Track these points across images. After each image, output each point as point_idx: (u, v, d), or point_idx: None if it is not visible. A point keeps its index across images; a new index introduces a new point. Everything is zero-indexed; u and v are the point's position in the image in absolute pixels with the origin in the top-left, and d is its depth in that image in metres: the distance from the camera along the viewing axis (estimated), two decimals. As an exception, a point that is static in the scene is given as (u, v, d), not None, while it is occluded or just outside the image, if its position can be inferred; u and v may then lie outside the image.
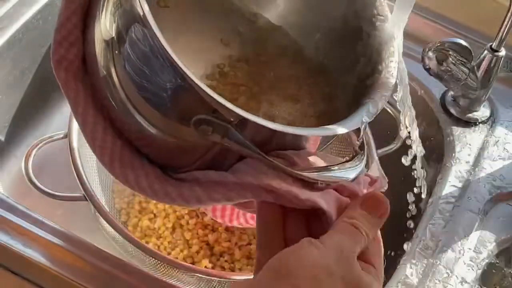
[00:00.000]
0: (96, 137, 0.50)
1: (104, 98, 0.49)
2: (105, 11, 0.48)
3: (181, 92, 0.45)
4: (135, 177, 0.49)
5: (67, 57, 0.51)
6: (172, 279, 0.74)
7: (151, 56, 0.44)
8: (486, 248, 0.80)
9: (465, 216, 0.81)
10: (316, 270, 0.42)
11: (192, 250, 0.86)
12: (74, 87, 0.51)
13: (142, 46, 0.44)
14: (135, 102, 0.47)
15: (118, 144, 0.50)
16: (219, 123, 0.44)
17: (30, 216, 0.74)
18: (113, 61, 0.47)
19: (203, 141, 0.46)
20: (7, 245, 0.71)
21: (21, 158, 0.78)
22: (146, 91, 0.46)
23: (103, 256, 0.72)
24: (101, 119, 0.50)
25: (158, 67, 0.44)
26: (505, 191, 0.84)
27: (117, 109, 0.48)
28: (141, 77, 0.45)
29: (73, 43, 0.51)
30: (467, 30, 0.98)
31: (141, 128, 0.48)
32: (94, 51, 0.49)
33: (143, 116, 0.47)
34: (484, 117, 0.92)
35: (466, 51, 0.85)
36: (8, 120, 0.92)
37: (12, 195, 0.79)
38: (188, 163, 0.49)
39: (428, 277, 0.75)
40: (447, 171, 0.86)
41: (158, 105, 0.46)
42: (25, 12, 0.90)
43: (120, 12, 0.46)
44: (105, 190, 0.87)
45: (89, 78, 0.51)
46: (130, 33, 0.45)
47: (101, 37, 0.48)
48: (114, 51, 0.47)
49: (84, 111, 0.50)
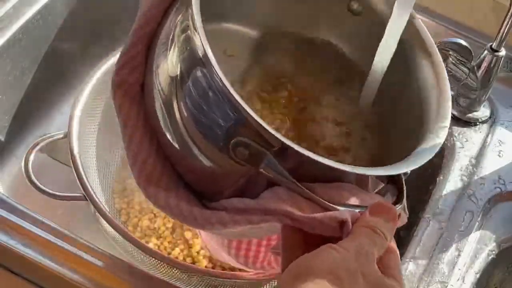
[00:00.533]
0: (138, 158, 0.52)
1: (157, 126, 0.52)
2: (173, 48, 0.50)
3: (226, 116, 0.46)
4: (165, 198, 0.51)
5: (128, 81, 0.53)
6: (172, 279, 0.74)
7: (210, 91, 0.46)
8: (486, 248, 0.80)
9: (465, 216, 0.81)
10: (337, 269, 0.43)
11: (192, 250, 0.86)
12: (127, 107, 0.53)
13: (203, 84, 0.47)
14: (190, 132, 0.49)
15: (158, 168, 0.52)
16: (257, 148, 0.46)
17: (30, 216, 0.74)
18: (176, 95, 0.49)
19: (237, 166, 0.47)
20: (7, 245, 0.71)
21: (21, 158, 0.78)
22: (202, 123, 0.48)
23: (103, 256, 0.72)
24: (147, 142, 0.52)
25: (215, 100, 0.46)
26: (505, 191, 0.84)
27: (169, 136, 0.51)
28: (199, 111, 0.47)
29: (136, 68, 0.54)
30: (467, 30, 0.98)
31: (186, 153, 0.50)
32: (155, 80, 0.51)
33: (195, 144, 0.49)
34: (484, 117, 0.92)
35: (466, 51, 0.85)
36: (8, 120, 0.92)
37: (12, 195, 0.79)
38: (220, 190, 0.50)
39: (428, 277, 0.75)
40: (447, 171, 0.86)
41: (209, 134, 0.48)
42: (25, 12, 0.90)
43: (186, 54, 0.48)
44: (105, 190, 0.87)
45: (144, 103, 0.53)
46: (193, 73, 0.47)
47: (167, 72, 0.50)
48: (178, 86, 0.49)
49: (133, 129, 0.52)
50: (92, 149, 0.84)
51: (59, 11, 0.94)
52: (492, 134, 0.90)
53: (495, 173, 0.86)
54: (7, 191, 0.89)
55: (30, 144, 0.79)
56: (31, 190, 0.76)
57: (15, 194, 0.84)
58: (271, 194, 0.48)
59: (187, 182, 0.53)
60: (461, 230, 0.80)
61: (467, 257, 0.78)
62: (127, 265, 0.72)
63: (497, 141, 0.90)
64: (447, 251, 0.78)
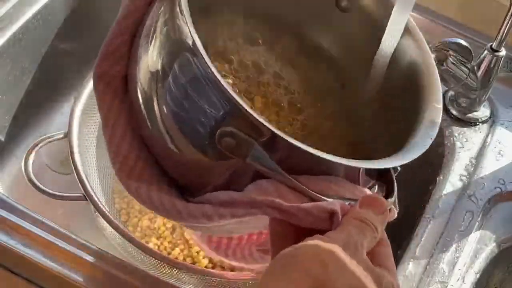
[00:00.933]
0: (120, 153, 0.51)
1: (141, 119, 0.50)
2: (156, 39, 0.49)
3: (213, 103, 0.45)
4: (147, 191, 0.49)
5: (109, 73, 0.52)
6: (172, 279, 0.74)
7: (197, 80, 0.45)
8: (486, 248, 0.80)
9: (465, 216, 0.81)
10: (323, 256, 0.42)
11: (192, 250, 0.86)
12: (109, 101, 0.52)
13: (189, 73, 0.46)
14: (176, 124, 0.48)
15: (140, 163, 0.51)
16: (245, 138, 0.45)
17: (30, 216, 0.74)
18: (159, 87, 0.48)
19: (223, 158, 0.46)
20: (7, 245, 0.71)
21: (21, 158, 0.78)
22: (188, 113, 0.47)
23: (103, 256, 0.72)
24: (130, 137, 0.51)
25: (202, 89, 0.45)
26: (505, 191, 0.84)
27: (153, 130, 0.50)
28: (185, 100, 0.46)
29: (119, 60, 0.52)
30: (467, 30, 0.98)
31: (171, 147, 0.49)
32: (138, 73, 0.50)
33: (180, 136, 0.48)
34: (484, 117, 0.92)
35: (466, 51, 0.85)
36: (8, 120, 0.92)
37: (12, 195, 0.79)
38: (206, 184, 0.49)
39: (428, 277, 0.75)
40: (447, 171, 0.86)
41: (195, 125, 0.47)
42: (25, 12, 0.90)
43: (171, 42, 0.47)
44: (105, 190, 0.87)
45: (127, 96, 0.52)
46: (178, 61, 0.46)
47: (149, 64, 0.49)
48: (161, 78, 0.48)
49: (114, 125, 0.51)
50: (92, 149, 0.84)
51: (59, 11, 0.94)
52: (492, 134, 0.90)
53: (495, 173, 0.86)
54: (7, 191, 0.89)
55: (30, 144, 0.79)
56: (31, 190, 0.76)
57: (15, 194, 0.84)
58: (256, 186, 0.47)
59: (172, 177, 0.51)
60: (461, 230, 0.80)
61: (467, 257, 0.78)
62: (127, 265, 0.72)
63: (497, 141, 0.90)
64: (447, 251, 0.78)
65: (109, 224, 0.74)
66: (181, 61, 0.46)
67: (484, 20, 0.97)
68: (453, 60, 0.85)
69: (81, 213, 0.85)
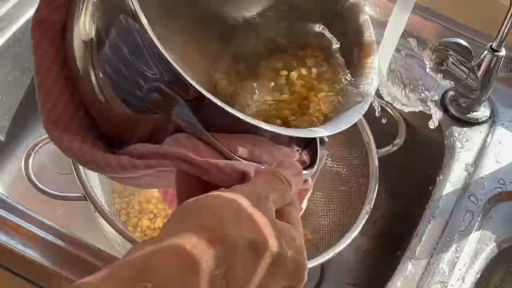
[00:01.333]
0: (49, 100, 0.51)
1: (75, 70, 0.51)
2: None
3: (144, 56, 0.46)
4: (69, 141, 0.50)
5: (50, 18, 0.52)
6: (172, 279, 0.74)
7: (131, 37, 0.46)
8: (486, 248, 0.80)
9: (465, 216, 0.81)
10: (220, 207, 0.41)
11: (192, 250, 0.85)
12: (45, 47, 0.52)
13: (124, 30, 0.46)
14: (108, 77, 0.48)
15: (69, 112, 0.51)
16: (172, 95, 0.45)
17: (30, 216, 0.74)
18: (94, 41, 0.49)
19: (149, 112, 0.47)
20: (7, 245, 0.71)
21: (21, 158, 0.78)
22: (120, 68, 0.47)
23: (103, 256, 0.72)
24: (61, 86, 0.51)
25: (136, 46, 0.46)
26: (505, 191, 0.84)
27: (85, 81, 0.50)
28: (118, 56, 0.47)
29: (58, 8, 0.52)
30: (467, 30, 0.98)
31: (101, 98, 0.50)
32: (75, 23, 0.50)
33: (111, 89, 0.49)
34: (484, 117, 0.92)
35: (466, 51, 0.85)
36: (8, 120, 0.92)
37: (12, 195, 0.79)
38: (130, 137, 0.50)
39: (428, 277, 0.75)
40: (447, 171, 0.85)
41: (127, 78, 0.47)
42: (25, 12, 0.90)
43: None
44: (105, 190, 0.87)
45: (64, 45, 0.52)
46: (114, 21, 0.47)
47: (83, 21, 0.49)
48: (94, 34, 0.48)
49: (47, 71, 0.51)
50: (92, 149, 0.84)
51: (59, 11, 0.94)
52: (492, 134, 0.90)
53: (495, 173, 0.86)
54: (7, 191, 0.89)
55: (30, 144, 0.79)
56: (31, 190, 0.76)
57: (15, 194, 0.84)
58: (172, 140, 0.47)
59: (102, 128, 0.52)
60: (461, 230, 0.80)
61: (467, 257, 0.78)
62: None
63: (497, 141, 0.90)
64: (447, 251, 0.78)
65: (109, 224, 0.74)
66: (116, 19, 0.47)
67: (484, 20, 0.97)
68: (453, 60, 0.85)
69: (81, 213, 0.85)
